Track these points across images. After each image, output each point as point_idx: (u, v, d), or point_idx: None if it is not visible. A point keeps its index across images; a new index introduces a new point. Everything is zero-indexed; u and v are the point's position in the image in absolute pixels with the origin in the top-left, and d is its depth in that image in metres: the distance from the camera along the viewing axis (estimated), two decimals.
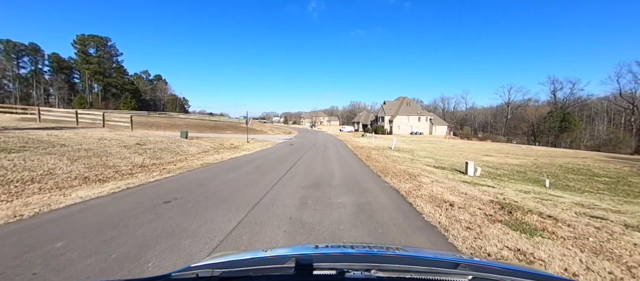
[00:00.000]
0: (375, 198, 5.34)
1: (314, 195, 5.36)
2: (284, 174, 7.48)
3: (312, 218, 4.03)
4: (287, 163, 9.99)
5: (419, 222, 4.07)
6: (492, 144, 40.15)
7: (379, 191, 5.98)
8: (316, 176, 7.38)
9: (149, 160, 9.81)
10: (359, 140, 31.92)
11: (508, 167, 15.35)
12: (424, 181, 7.43)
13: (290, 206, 4.53)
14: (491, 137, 59.46)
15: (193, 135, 29.54)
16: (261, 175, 7.19)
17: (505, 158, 20.66)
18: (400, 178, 7.51)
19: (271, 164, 9.58)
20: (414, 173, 8.75)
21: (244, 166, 8.90)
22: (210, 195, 5.07)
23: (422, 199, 5.38)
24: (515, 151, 28.89)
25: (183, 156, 11.66)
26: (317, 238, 3.36)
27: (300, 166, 9.23)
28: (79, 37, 61.34)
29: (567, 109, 57.50)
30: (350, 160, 11.80)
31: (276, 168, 8.46)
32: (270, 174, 7.39)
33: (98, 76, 63.88)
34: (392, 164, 10.69)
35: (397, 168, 9.73)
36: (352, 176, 7.68)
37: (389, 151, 17.74)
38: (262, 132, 39.59)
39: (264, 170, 8.04)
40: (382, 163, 11.19)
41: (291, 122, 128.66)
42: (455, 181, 7.97)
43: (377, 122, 68.42)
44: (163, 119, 44.58)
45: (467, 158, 18.90)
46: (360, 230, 3.64)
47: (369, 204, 4.90)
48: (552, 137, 53.55)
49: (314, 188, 5.95)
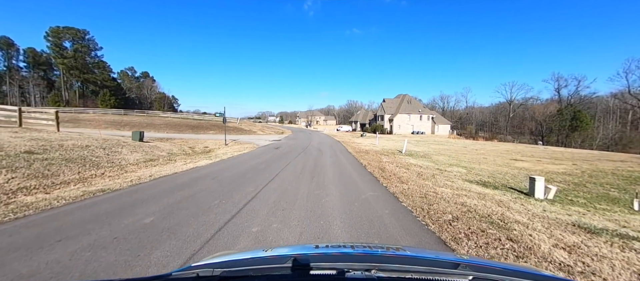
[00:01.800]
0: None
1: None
2: (225, 222, 3.60)
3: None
4: (253, 183, 6.07)
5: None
6: (504, 145, 36.66)
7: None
8: (293, 228, 3.50)
9: (18, 181, 5.81)
10: (359, 141, 28.04)
11: (560, 178, 11.61)
12: (521, 232, 3.57)
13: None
14: (497, 137, 56.21)
15: (161, 136, 25.06)
16: (170, 226, 3.31)
17: (538, 163, 16.98)
18: (481, 237, 3.60)
19: (220, 189, 5.61)
20: (478, 210, 4.86)
21: (173, 192, 4.99)
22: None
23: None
24: (538, 153, 25.33)
25: (106, 170, 7.69)
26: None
27: (270, 193, 5.32)
28: (52, 30, 56.18)
29: (574, 107, 54.49)
30: (358, 178, 7.50)
31: (223, 200, 4.59)
32: (188, 226, 3.50)
33: (74, 72, 58.80)
34: (425, 185, 6.78)
35: (437, 193, 5.82)
36: (376, 234, 3.60)
37: (402, 157, 13.90)
38: (250, 133, 35.54)
39: (192, 209, 4.15)
40: (415, 185, 7.07)
41: (287, 121, 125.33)
42: (551, 222, 4.13)
43: (376, 121, 64.73)
44: (140, 118, 40.21)
45: (497, 164, 15.18)
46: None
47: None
48: (562, 136, 50.44)
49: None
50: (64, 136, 11.04)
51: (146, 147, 12.61)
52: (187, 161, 9.95)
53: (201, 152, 15.21)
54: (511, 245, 3.26)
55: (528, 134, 60.11)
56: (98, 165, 8.14)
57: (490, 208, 4.89)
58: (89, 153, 9.18)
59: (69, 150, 8.95)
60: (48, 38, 56.56)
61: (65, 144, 9.53)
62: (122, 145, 11.57)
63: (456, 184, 7.08)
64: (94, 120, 38.18)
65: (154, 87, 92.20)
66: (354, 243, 1.45)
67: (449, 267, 0.96)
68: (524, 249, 3.16)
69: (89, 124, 35.84)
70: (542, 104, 65.30)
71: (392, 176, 7.59)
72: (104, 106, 54.74)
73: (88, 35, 61.40)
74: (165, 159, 10.68)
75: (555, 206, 5.85)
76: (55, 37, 56.43)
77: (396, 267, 0.92)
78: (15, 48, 68.13)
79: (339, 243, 1.64)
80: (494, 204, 5.24)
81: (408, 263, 1.01)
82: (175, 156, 11.66)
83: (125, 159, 9.51)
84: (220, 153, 13.26)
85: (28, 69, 69.94)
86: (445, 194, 5.57)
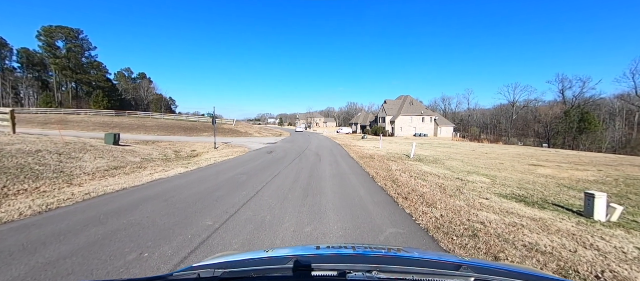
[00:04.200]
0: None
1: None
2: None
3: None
4: (217, 209, 4.40)
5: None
6: (513, 148, 35.02)
7: None
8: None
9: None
10: (361, 144, 26.37)
11: (595, 188, 9.94)
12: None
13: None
14: (502, 139, 54.61)
15: (148, 138, 23.21)
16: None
17: (560, 168, 15.32)
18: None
19: (161, 223, 3.94)
20: (559, 254, 3.21)
21: (88, 228, 3.32)
22: None
23: None
24: (553, 156, 23.67)
25: (44, 182, 6.07)
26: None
27: (234, 233, 3.66)
28: (44, 29, 54.53)
29: (581, 108, 52.89)
30: (368, 197, 5.61)
31: (150, 249, 2.92)
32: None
33: (67, 72, 57.13)
34: (459, 208, 5.08)
35: (482, 221, 4.14)
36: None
37: (411, 163, 12.25)
38: (246, 135, 33.90)
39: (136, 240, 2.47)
40: (447, 209, 5.23)
41: (287, 123, 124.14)
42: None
43: (377, 123, 63.15)
44: (131, 120, 38.56)
45: (517, 170, 13.50)
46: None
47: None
48: (569, 138, 48.85)
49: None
50: (16, 139, 9.37)
51: (118, 152, 10.96)
52: (158, 170, 8.29)
53: (186, 156, 13.57)
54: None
55: (533, 136, 58.56)
56: (38, 176, 6.47)
57: (572, 249, 3.23)
58: (34, 160, 7.51)
59: (9, 157, 7.28)
60: (40, 37, 54.97)
61: (8, 148, 7.86)
62: (86, 150, 9.92)
63: (495, 204, 5.42)
64: (82, 121, 36.53)
65: (150, 88, 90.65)
66: (355, 244, 1.42)
67: (451, 268, 0.95)
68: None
69: (76, 126, 34.22)
70: (547, 105, 63.79)
71: (411, 193, 5.87)
72: (97, 107, 53.11)
73: (82, 35, 59.83)
74: (134, 166, 9.02)
75: (632, 234, 4.20)
76: (47, 37, 54.83)
77: (397, 268, 0.91)
78: (9, 48, 66.54)
79: (340, 244, 1.57)
80: (571, 240, 3.59)
81: (409, 264, 0.99)
82: (148, 163, 10.00)
83: (81, 168, 7.85)
84: (204, 158, 11.60)
85: (22, 70, 68.39)
86: (494, 225, 3.91)
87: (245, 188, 5.88)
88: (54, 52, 55.74)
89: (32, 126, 32.21)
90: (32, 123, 34.41)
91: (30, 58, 64.64)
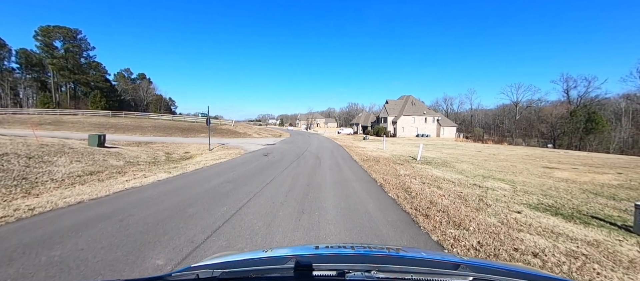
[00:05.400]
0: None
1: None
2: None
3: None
4: (181, 236, 3.45)
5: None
6: (519, 149, 34.00)
7: None
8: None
9: None
10: (363, 145, 25.42)
11: (624, 194, 8.98)
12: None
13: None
14: (506, 140, 53.54)
15: (142, 140, 22.06)
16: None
17: (576, 171, 14.34)
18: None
19: (88, 263, 3.02)
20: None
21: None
22: None
23: None
24: (565, 158, 22.65)
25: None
26: None
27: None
28: (41, 29, 53.83)
29: (588, 108, 51.75)
30: (379, 215, 4.44)
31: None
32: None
33: (64, 72, 56.41)
34: (494, 228, 4.13)
35: (528, 245, 3.21)
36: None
37: (420, 167, 11.30)
38: (245, 136, 33.03)
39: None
40: (481, 231, 4.10)
41: (287, 124, 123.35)
42: None
43: (379, 123, 62.18)
44: (128, 121, 37.75)
45: (533, 174, 12.48)
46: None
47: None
48: (575, 139, 47.72)
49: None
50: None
51: (100, 154, 10.06)
52: (137, 175, 7.38)
53: (178, 158, 12.67)
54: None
55: (538, 137, 57.43)
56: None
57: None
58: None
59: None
60: (37, 37, 54.30)
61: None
62: (64, 153, 9.03)
63: (532, 220, 4.48)
64: (78, 122, 35.76)
65: (150, 89, 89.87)
66: (354, 244, 1.41)
67: (449, 268, 0.94)
68: None
69: (71, 127, 33.45)
70: (551, 105, 62.68)
71: (430, 207, 4.87)
72: (94, 108, 52.39)
73: (80, 35, 59.10)
74: (113, 171, 8.12)
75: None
76: (45, 37, 54.14)
77: (396, 268, 0.91)
78: (7, 49, 65.95)
79: (339, 244, 1.52)
80: (597, 265, 2.65)
81: (408, 264, 0.98)
82: (131, 167, 9.10)
83: (50, 174, 6.95)
84: (195, 161, 10.69)
85: (21, 71, 67.75)
86: (551, 257, 2.96)
87: (228, 202, 4.94)
88: (51, 53, 55.06)
89: (25, 127, 31.43)
90: (26, 124, 33.66)
91: (29, 59, 64.00)
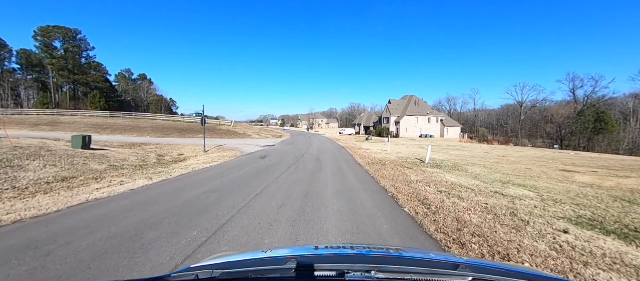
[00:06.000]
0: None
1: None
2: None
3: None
4: (153, 256, 2.60)
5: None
6: (528, 150, 32.90)
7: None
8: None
9: None
10: (366, 147, 24.48)
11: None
12: None
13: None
14: (512, 140, 52.35)
15: (137, 141, 21.14)
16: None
17: (596, 175, 13.32)
18: None
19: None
20: None
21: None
22: None
23: None
24: (579, 160, 21.58)
25: None
26: None
27: None
28: (40, 29, 53.36)
29: (596, 108, 50.44)
30: (393, 237, 3.49)
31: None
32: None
33: (64, 72, 55.92)
34: (544, 256, 3.24)
35: (578, 276, 2.33)
36: None
37: (430, 170, 10.36)
38: (244, 136, 32.21)
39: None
40: (523, 260, 3.43)
41: (289, 124, 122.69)
42: None
43: (381, 123, 61.19)
44: (125, 121, 37.06)
45: (552, 178, 11.48)
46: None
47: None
48: (584, 139, 46.48)
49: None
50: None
51: (81, 157, 9.23)
52: (113, 182, 6.52)
53: (168, 162, 11.82)
54: None
55: (545, 137, 56.19)
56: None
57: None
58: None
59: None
60: (36, 37, 53.85)
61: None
62: (39, 156, 8.20)
63: (585, 244, 3.57)
64: (74, 123, 35.12)
65: (151, 89, 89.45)
66: (353, 244, 1.39)
67: (449, 268, 0.94)
68: None
69: (67, 128, 32.77)
70: (557, 105, 61.36)
71: (460, 228, 3.85)
72: (93, 108, 51.87)
73: (79, 35, 58.63)
74: (89, 177, 7.27)
75: None
76: (44, 37, 53.69)
77: (396, 268, 0.90)
78: (8, 49, 65.65)
79: (339, 244, 1.49)
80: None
81: (407, 264, 0.97)
82: (112, 172, 8.25)
83: (14, 180, 6.11)
84: (184, 165, 9.83)
85: (21, 71, 67.44)
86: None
87: (201, 221, 3.93)
88: (50, 53, 54.59)
89: (20, 128, 30.82)
90: (22, 125, 33.07)
91: (30, 59, 63.65)
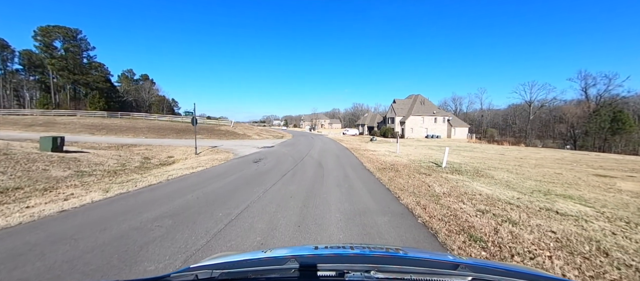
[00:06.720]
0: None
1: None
2: None
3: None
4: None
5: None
6: (544, 151, 31.03)
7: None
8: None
9: None
10: (372, 148, 22.94)
11: None
12: None
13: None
14: (524, 141, 50.32)
15: (130, 142, 19.55)
16: None
17: (634, 180, 11.64)
18: None
19: None
20: None
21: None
22: None
23: None
24: (606, 163, 19.78)
25: None
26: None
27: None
28: (41, 29, 52.79)
29: (613, 107, 48.13)
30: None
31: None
32: None
33: (64, 73, 55.34)
34: None
35: None
36: None
37: (451, 177, 8.84)
38: (243, 137, 30.92)
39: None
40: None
41: (292, 125, 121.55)
42: None
43: (386, 123, 59.53)
44: (122, 122, 36.02)
45: (591, 185, 9.73)
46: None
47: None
48: (599, 140, 44.30)
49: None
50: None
51: (44, 162, 7.90)
52: (58, 196, 5.15)
53: (153, 166, 10.49)
54: None
55: (556, 138, 54.00)
56: None
57: None
58: None
59: None
60: (37, 37, 53.33)
61: None
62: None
63: None
64: (71, 123, 34.18)
65: (153, 90, 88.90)
66: (353, 244, 1.39)
67: (448, 268, 0.94)
68: None
69: (62, 129, 31.77)
70: (568, 104, 59.00)
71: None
72: (93, 109, 51.14)
73: (80, 35, 58.05)
74: (39, 187, 5.91)
75: None
76: (44, 37, 53.14)
77: (396, 268, 0.91)
78: (10, 50, 65.49)
79: (339, 244, 1.50)
80: None
81: (407, 264, 0.97)
82: (73, 180, 6.89)
83: None
84: (162, 171, 8.46)
85: (24, 72, 67.23)
86: None
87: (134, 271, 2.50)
88: (51, 53, 54.05)
89: (14, 129, 29.96)
90: (16, 125, 32.24)
91: (32, 60, 63.35)
